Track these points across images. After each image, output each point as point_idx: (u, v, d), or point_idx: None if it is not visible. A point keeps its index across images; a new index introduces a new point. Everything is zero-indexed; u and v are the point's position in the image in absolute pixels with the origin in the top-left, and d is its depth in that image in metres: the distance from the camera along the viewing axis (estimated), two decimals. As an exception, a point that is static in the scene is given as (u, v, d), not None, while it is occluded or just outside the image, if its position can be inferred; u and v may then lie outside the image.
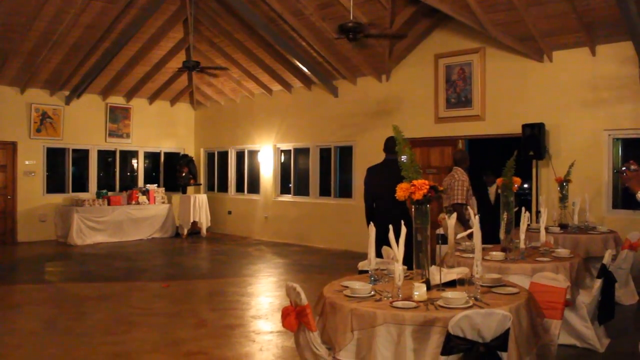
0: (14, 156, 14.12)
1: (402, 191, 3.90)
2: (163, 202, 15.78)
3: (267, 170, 15.13)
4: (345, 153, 13.40)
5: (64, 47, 12.40)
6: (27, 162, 14.27)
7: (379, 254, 4.74)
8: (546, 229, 6.79)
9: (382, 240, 4.57)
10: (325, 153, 13.90)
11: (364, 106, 12.67)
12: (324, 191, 13.81)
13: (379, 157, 7.07)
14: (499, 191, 5.83)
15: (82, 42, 12.30)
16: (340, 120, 13.20)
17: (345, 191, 13.38)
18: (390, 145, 6.66)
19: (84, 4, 10.92)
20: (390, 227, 3.93)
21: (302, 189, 14.38)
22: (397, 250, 3.80)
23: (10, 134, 14.04)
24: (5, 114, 13.91)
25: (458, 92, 10.95)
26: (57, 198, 14.84)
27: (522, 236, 5.46)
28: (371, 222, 4.25)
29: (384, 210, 6.40)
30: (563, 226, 7.85)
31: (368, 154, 12.08)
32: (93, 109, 15.42)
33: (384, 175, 6.50)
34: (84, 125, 15.21)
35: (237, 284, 9.28)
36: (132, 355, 5.73)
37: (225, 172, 16.79)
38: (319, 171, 14.01)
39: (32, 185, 14.39)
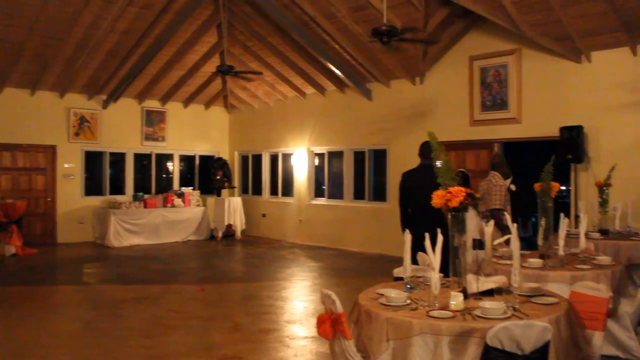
0: (53, 159, 14.41)
1: (438, 198, 3.83)
2: (198, 205, 15.89)
3: (301, 173, 15.15)
4: (379, 156, 13.35)
5: (101, 53, 12.61)
6: (66, 165, 14.55)
7: (414, 261, 4.68)
8: (586, 234, 6.56)
9: (417, 247, 4.50)
10: (359, 156, 13.85)
11: (398, 109, 12.59)
12: (358, 194, 13.75)
13: (413, 160, 6.98)
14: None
15: (118, 47, 12.50)
16: (374, 124, 13.13)
17: (379, 195, 13.30)
18: (426, 150, 6.58)
19: (120, 11, 11.10)
20: (427, 234, 3.87)
21: (336, 192, 14.37)
22: (434, 257, 3.74)
23: (50, 137, 14.32)
24: (45, 118, 14.20)
25: (493, 94, 10.78)
26: (95, 200, 15.08)
27: (562, 242, 5.30)
28: (407, 229, 4.19)
29: (419, 217, 6.31)
30: (604, 232, 7.59)
31: (402, 158, 12.01)
32: (129, 113, 15.62)
33: (420, 181, 6.42)
34: (120, 128, 15.42)
35: (271, 288, 9.25)
36: (168, 359, 5.76)
37: (259, 175, 16.85)
38: (353, 174, 13.95)
39: (71, 188, 14.65)
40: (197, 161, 17.14)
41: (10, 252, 12.47)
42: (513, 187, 7.54)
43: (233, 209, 15.73)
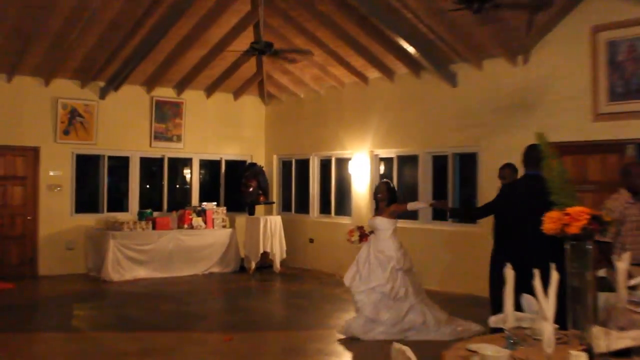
0: (35, 165, 14.57)
1: (551, 222, 3.79)
2: (224, 226, 16.04)
3: (362, 184, 15.14)
4: (467, 162, 13.39)
5: (98, 27, 12.66)
6: (51, 173, 14.73)
7: (517, 306, 4.61)
8: None
9: (522, 287, 4.45)
10: (439, 162, 13.84)
11: (493, 99, 12.56)
12: (438, 213, 13.63)
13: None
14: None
15: (121, 19, 12.56)
16: (460, 119, 13.11)
17: None
18: (532, 157, 6.50)
19: (124, -30, 11.31)
20: (535, 270, 3.82)
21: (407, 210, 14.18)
22: (546, 303, 3.68)
23: (32, 136, 14.48)
24: (26, 112, 14.41)
25: (627, 77, 10.58)
26: (89, 219, 15.23)
27: None
28: (508, 264, 4.14)
29: (525, 246, 6.25)
30: None
31: (498, 164, 11.81)
32: (135, 105, 15.81)
33: (524, 198, 6.36)
34: (123, 125, 15.57)
35: (322, 339, 9.24)
36: None
37: (305, 187, 16.93)
38: (431, 187, 13.92)
39: (57, 203, 14.81)
40: (223, 168, 17.31)
41: (-23, 286, 12.80)
42: None
43: (270, 231, 15.78)
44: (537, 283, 3.80)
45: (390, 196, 9.69)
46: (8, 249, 14.32)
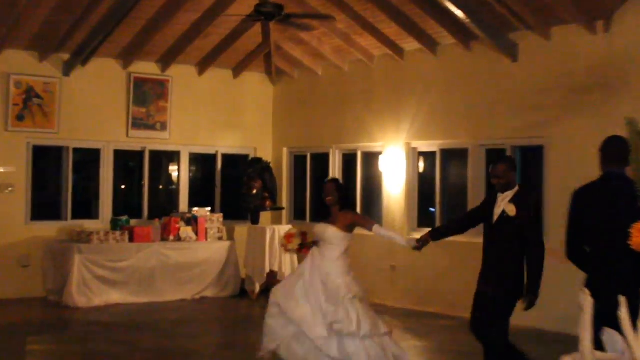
0: None
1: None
2: (220, 238, 16.11)
3: (395, 185, 15.17)
4: (531, 158, 13.50)
5: (61, -16, 12.86)
6: (1, 170, 14.81)
7: (598, 343, 4.56)
8: None
9: (603, 319, 4.40)
10: (495, 157, 13.38)
11: (564, 76, 12.54)
12: None
13: (591, 165, 6.85)
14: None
15: (90, -26, 12.74)
16: (521, 102, 13.12)
17: None
18: (616, 151, 6.42)
19: None
20: (621, 297, 3.78)
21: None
22: (636, 340, 3.63)
23: (-25, 123, 14.86)
24: (-34, 91, 14.78)
25: None
26: (49, 229, 15.31)
27: None
28: (585, 289, 4.10)
29: (606, 266, 6.19)
30: None
31: (571, 161, 12.06)
32: (107, 83, 15.92)
33: (605, 203, 6.30)
34: (92, 109, 15.64)
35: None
36: None
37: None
38: (484, 188, 13.67)
39: (8, 208, 14.83)
40: (219, 164, 17.46)
41: None
42: None
43: (279, 245, 15.53)
44: (624, 313, 3.76)
45: (342, 197, 9.32)
46: (-55, 266, 14.59)
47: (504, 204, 7.80)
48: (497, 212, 7.93)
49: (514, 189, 7.86)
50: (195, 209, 16.28)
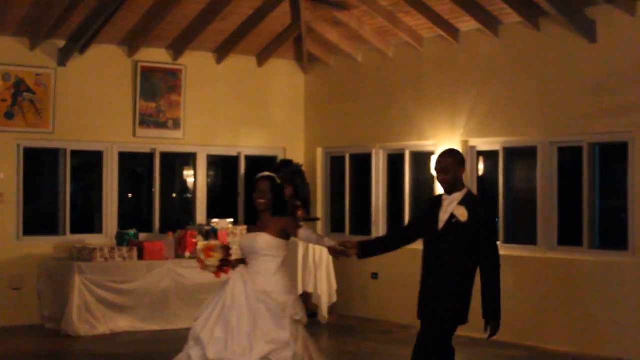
0: None
1: None
2: (244, 255, 15.84)
3: (449, 191, 14.85)
4: (613, 157, 13.45)
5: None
6: (-14, 176, 14.63)
7: None
8: None
9: None
10: (569, 157, 13.81)
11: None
12: (568, 236, 13.54)
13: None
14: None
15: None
16: (600, 91, 12.93)
17: (611, 236, 13.26)
18: None
19: None
20: None
21: (520, 231, 14.42)
22: None
23: (-43, 121, 14.48)
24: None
25: None
26: (44, 245, 15.25)
27: None
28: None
29: None
30: None
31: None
32: (110, 74, 15.83)
33: None
34: (93, 104, 15.56)
35: None
36: None
37: (366, 196, 16.82)
38: (556, 194, 13.74)
39: (-4, 220, 14.56)
40: (242, 167, 17.34)
41: None
42: None
43: (314, 262, 15.72)
44: None
45: (277, 200, 8.85)
46: None
47: (453, 208, 7.56)
48: (444, 217, 7.67)
49: (463, 190, 7.64)
50: (215, 220, 16.13)
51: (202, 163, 16.81)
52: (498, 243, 13.97)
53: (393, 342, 13.87)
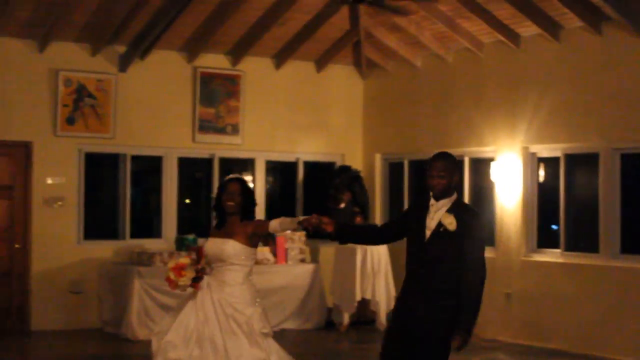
0: (26, 169, 14.83)
1: None
2: (303, 261, 16.16)
3: (511, 198, 14.92)
4: None
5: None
6: (49, 181, 14.89)
7: None
8: None
9: None
10: (633, 163, 13.80)
11: None
12: (630, 244, 13.48)
13: None
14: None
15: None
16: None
17: None
18: None
19: None
20: None
21: (584, 239, 14.16)
22: None
23: (20, 127, 14.69)
24: (10, 90, 14.55)
25: None
26: (104, 249, 15.38)
27: None
28: None
29: None
30: None
31: None
32: (170, 80, 15.94)
33: None
34: (153, 110, 15.70)
35: None
36: None
37: (424, 202, 16.57)
38: (619, 201, 13.60)
39: (58, 225, 14.91)
40: (300, 173, 17.41)
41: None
42: None
43: (372, 268, 15.65)
44: None
45: (247, 204, 8.37)
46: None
47: (440, 215, 7.23)
48: (431, 225, 7.32)
49: (452, 197, 7.31)
50: (273, 225, 15.99)
51: (260, 168, 16.95)
52: (558, 251, 14.10)
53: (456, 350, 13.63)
